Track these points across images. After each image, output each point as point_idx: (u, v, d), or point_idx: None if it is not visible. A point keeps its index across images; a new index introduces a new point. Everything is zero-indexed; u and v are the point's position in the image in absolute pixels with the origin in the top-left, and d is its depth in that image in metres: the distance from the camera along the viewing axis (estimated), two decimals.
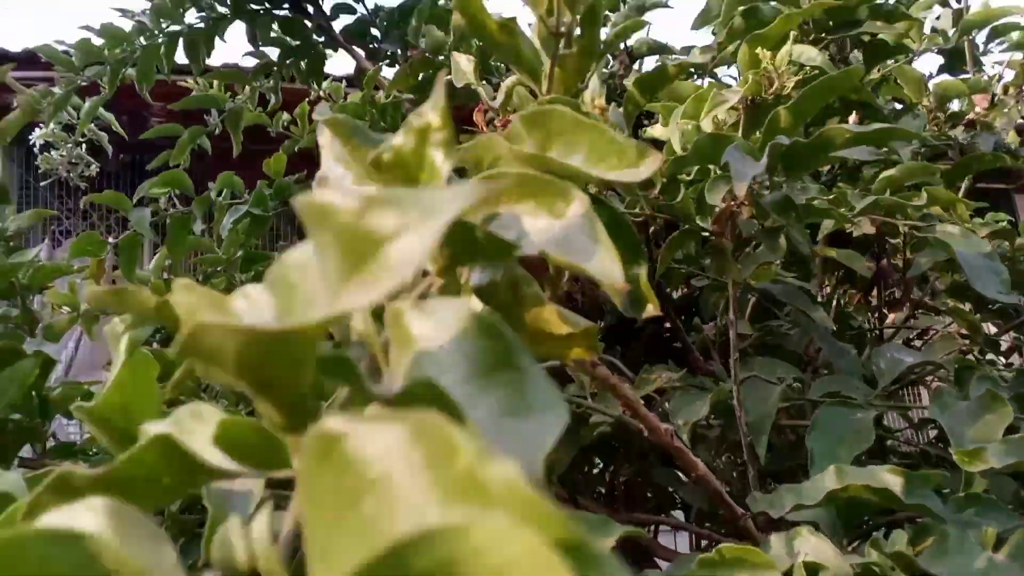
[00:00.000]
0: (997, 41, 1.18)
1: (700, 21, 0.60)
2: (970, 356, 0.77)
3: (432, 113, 0.21)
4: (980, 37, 1.22)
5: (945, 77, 1.05)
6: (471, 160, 0.28)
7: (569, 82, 0.39)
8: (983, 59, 1.23)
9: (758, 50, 0.56)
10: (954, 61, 1.17)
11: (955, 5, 1.21)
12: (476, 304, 0.21)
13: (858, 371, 0.71)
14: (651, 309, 0.31)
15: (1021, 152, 0.90)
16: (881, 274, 0.83)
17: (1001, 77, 1.16)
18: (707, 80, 0.71)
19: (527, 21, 0.43)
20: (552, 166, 0.27)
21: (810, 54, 0.56)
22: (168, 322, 0.23)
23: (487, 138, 0.28)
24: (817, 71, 0.54)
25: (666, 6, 0.74)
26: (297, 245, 0.16)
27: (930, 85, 1.01)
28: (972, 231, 0.58)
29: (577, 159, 0.27)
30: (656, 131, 0.67)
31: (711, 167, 0.56)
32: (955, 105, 1.04)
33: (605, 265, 0.21)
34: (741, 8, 0.67)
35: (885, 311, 0.85)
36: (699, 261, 0.85)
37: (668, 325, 0.88)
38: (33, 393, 0.69)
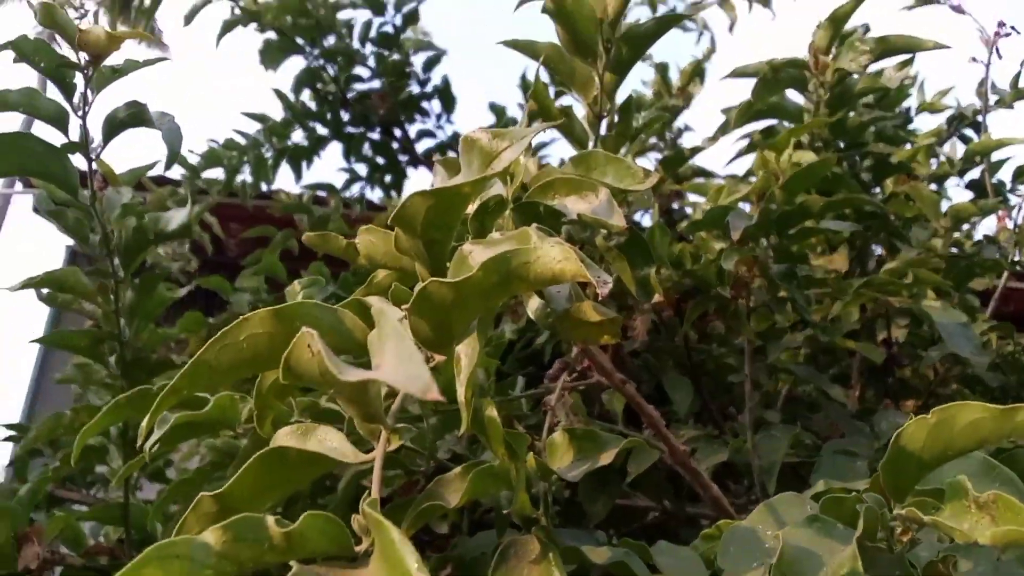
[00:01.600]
0: None
1: (719, 132, 0.75)
2: None
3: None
4: (1007, 174, 1.36)
5: (961, 199, 1.18)
6: (538, 178, 0.42)
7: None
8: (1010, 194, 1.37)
9: (767, 154, 0.70)
10: (979, 194, 1.31)
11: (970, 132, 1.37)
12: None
13: (870, 441, 0.80)
14: (657, 296, 0.44)
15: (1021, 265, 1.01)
16: (893, 362, 0.92)
17: (1021, 207, 1.28)
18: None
19: (581, 112, 0.58)
20: (601, 182, 0.41)
21: (808, 157, 0.69)
22: (352, 256, 0.36)
23: (547, 168, 0.42)
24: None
25: (685, 108, 0.91)
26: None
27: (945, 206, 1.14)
28: (952, 307, 0.69)
29: (607, 178, 0.41)
30: (696, 215, 0.82)
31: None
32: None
33: (617, 218, 0.34)
34: (760, 127, 0.83)
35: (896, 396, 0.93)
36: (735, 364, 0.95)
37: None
38: None
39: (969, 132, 1.48)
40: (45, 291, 0.67)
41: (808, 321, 0.72)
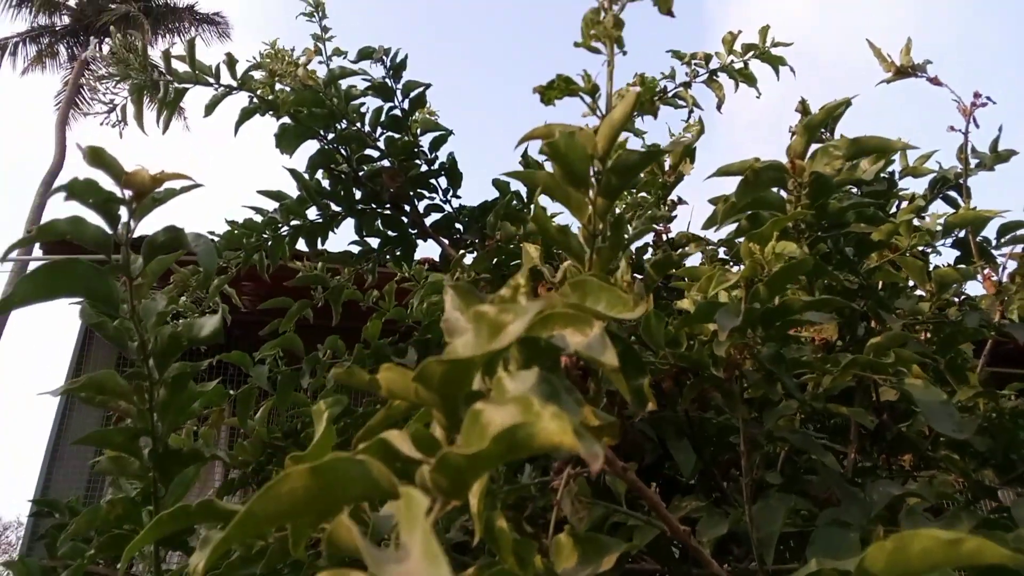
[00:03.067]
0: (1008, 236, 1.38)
1: (708, 223, 0.80)
2: (958, 495, 0.88)
3: (520, 277, 0.41)
4: (991, 232, 1.42)
5: (943, 268, 1.23)
6: (545, 306, 0.47)
7: (603, 265, 0.59)
8: (995, 251, 1.42)
9: (752, 245, 0.76)
10: (965, 253, 1.37)
11: (947, 208, 1.42)
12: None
13: (863, 510, 0.84)
14: (650, 405, 0.48)
15: (1005, 327, 1.05)
16: (883, 427, 0.96)
17: (1005, 267, 1.33)
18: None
19: (576, 225, 0.64)
20: (585, 310, 0.46)
21: (790, 248, 0.75)
22: (375, 388, 0.41)
23: (549, 294, 0.47)
24: (794, 258, 0.73)
25: (671, 220, 0.97)
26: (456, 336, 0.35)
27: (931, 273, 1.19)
28: (932, 383, 0.74)
29: (600, 306, 0.46)
30: (684, 303, 0.87)
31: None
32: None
33: (608, 358, 0.39)
34: (746, 214, 0.88)
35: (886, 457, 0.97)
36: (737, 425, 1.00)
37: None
38: None
39: (953, 194, 1.54)
40: (83, 394, 0.72)
41: (796, 397, 0.77)
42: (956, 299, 1.25)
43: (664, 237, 1.45)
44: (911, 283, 1.19)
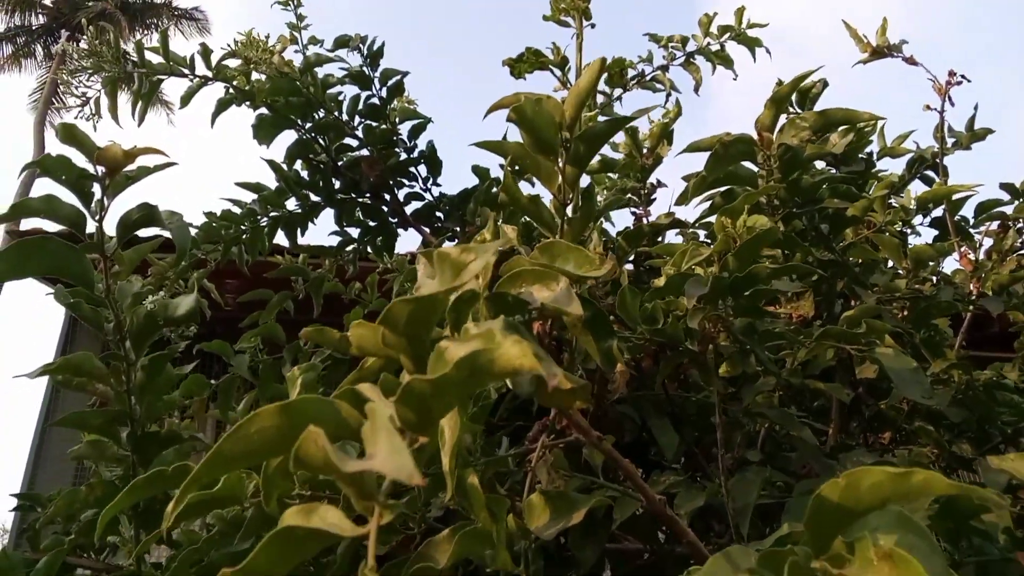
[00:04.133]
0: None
1: (681, 199, 0.81)
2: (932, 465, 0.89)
3: (487, 231, 0.41)
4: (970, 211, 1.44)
5: (919, 244, 1.25)
6: (508, 267, 0.48)
7: (575, 235, 0.59)
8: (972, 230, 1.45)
9: (724, 219, 0.77)
10: (943, 231, 1.39)
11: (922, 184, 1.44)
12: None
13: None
14: (620, 366, 0.49)
15: (978, 302, 1.07)
16: (860, 401, 0.98)
17: (981, 244, 1.35)
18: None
19: (548, 196, 0.65)
20: (562, 270, 0.47)
21: (761, 222, 0.76)
22: (345, 347, 0.42)
23: (518, 256, 0.48)
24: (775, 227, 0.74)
25: (651, 202, 0.99)
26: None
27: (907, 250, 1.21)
28: (903, 352, 0.75)
29: (568, 266, 0.47)
30: (659, 281, 0.88)
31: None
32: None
33: (574, 308, 0.39)
34: (720, 190, 0.89)
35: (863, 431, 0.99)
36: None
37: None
38: None
39: (931, 173, 1.56)
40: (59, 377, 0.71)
41: (771, 370, 0.78)
42: (934, 277, 1.27)
43: (645, 220, 1.46)
44: (891, 262, 1.20)
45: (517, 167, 0.58)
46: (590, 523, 0.91)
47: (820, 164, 1.50)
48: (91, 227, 0.63)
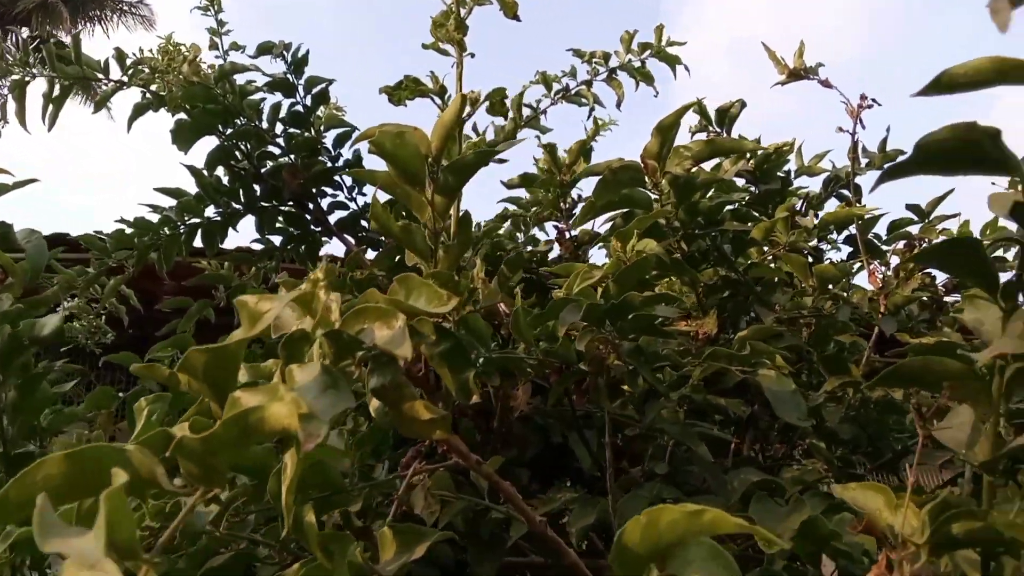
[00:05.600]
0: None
1: (576, 222, 0.82)
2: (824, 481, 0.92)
3: (319, 272, 0.41)
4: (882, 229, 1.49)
5: (824, 264, 1.29)
6: (362, 301, 0.48)
7: (451, 263, 0.59)
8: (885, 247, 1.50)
9: (616, 243, 0.78)
10: (855, 249, 1.43)
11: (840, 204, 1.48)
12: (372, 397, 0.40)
13: (726, 497, 0.87)
14: (476, 397, 0.49)
15: (874, 321, 1.10)
16: (755, 416, 1.00)
17: (890, 263, 1.40)
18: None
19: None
20: (405, 305, 0.47)
21: (650, 245, 0.77)
22: (173, 385, 0.41)
23: (370, 291, 0.48)
24: (655, 255, 0.75)
25: (571, 218, 1.00)
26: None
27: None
28: (784, 375, 0.77)
29: (420, 302, 0.47)
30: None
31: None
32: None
33: (403, 350, 0.40)
34: (622, 212, 0.91)
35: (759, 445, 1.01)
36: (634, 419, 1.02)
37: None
38: None
39: (846, 192, 1.61)
40: None
41: (659, 389, 0.79)
42: (845, 293, 1.30)
43: (567, 235, 1.47)
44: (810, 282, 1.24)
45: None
46: (491, 538, 0.92)
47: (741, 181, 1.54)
48: None
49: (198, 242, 1.53)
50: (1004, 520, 0.45)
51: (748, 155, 1.38)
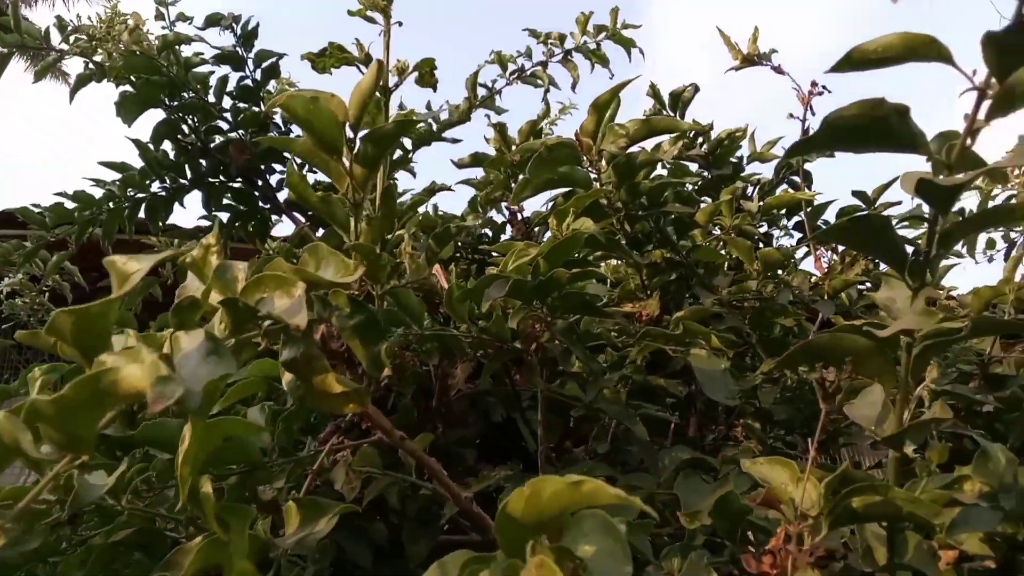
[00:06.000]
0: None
1: (513, 199, 0.82)
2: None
3: (211, 237, 0.40)
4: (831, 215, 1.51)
5: (768, 248, 1.30)
6: (267, 269, 0.47)
7: (375, 235, 0.58)
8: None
9: (552, 221, 0.77)
10: (804, 235, 1.45)
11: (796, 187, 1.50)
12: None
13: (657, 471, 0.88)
14: (387, 371, 0.49)
15: (814, 304, 1.12)
16: (693, 396, 1.01)
17: (837, 248, 1.42)
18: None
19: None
20: (311, 276, 0.46)
21: (586, 224, 0.77)
22: (60, 351, 0.40)
23: (276, 260, 0.47)
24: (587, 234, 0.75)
25: (450, 189, 0.99)
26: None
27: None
28: (715, 354, 0.78)
29: (327, 272, 0.46)
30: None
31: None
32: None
33: (297, 320, 0.39)
34: (562, 191, 0.90)
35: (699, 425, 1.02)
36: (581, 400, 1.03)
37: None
38: None
39: (796, 178, 1.63)
40: None
41: (592, 368, 0.79)
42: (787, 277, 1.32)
43: (519, 216, 1.47)
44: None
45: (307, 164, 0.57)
46: (425, 516, 0.92)
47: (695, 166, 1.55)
48: None
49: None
50: (904, 495, 0.46)
51: (702, 141, 1.39)
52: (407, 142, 1.49)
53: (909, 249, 0.50)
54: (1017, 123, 0.46)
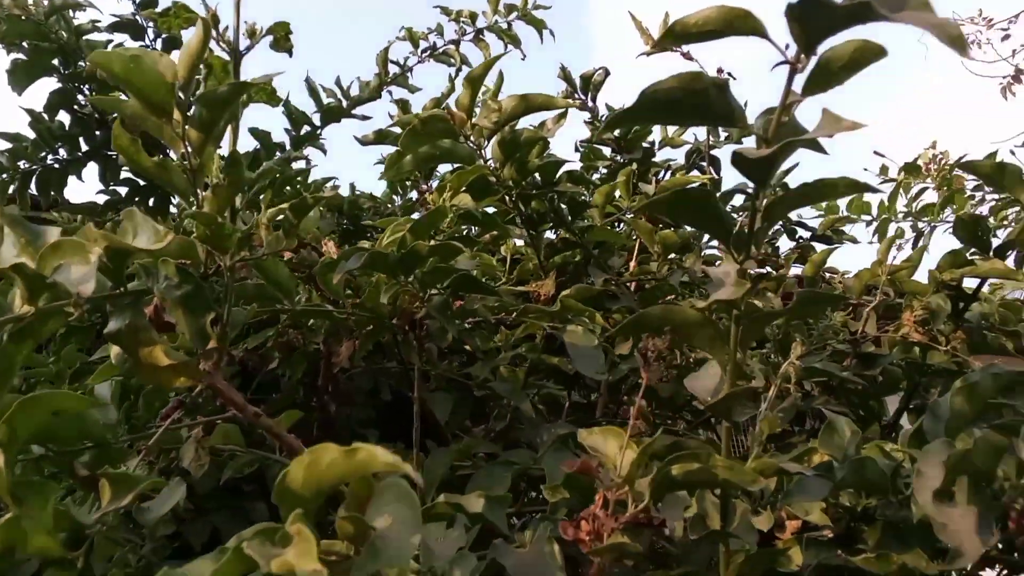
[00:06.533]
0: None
1: (384, 175, 0.81)
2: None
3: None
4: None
5: (666, 231, 1.32)
6: (78, 236, 0.45)
7: (221, 203, 0.57)
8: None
9: (432, 197, 0.77)
10: None
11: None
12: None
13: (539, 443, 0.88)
14: (212, 343, 0.48)
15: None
16: (579, 373, 1.03)
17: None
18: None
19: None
20: (118, 242, 0.44)
21: (464, 200, 0.77)
22: None
23: (87, 227, 0.45)
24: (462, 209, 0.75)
25: (305, 159, 0.98)
26: None
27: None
28: (590, 331, 0.78)
29: (142, 239, 0.45)
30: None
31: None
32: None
33: (83, 289, 0.37)
34: (453, 168, 0.90)
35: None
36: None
37: None
38: None
39: (704, 164, 1.66)
40: None
41: (470, 345, 0.79)
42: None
43: (428, 194, 1.46)
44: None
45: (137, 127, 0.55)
46: None
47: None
48: None
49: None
50: (724, 463, 0.47)
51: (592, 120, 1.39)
52: (316, 119, 1.46)
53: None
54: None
